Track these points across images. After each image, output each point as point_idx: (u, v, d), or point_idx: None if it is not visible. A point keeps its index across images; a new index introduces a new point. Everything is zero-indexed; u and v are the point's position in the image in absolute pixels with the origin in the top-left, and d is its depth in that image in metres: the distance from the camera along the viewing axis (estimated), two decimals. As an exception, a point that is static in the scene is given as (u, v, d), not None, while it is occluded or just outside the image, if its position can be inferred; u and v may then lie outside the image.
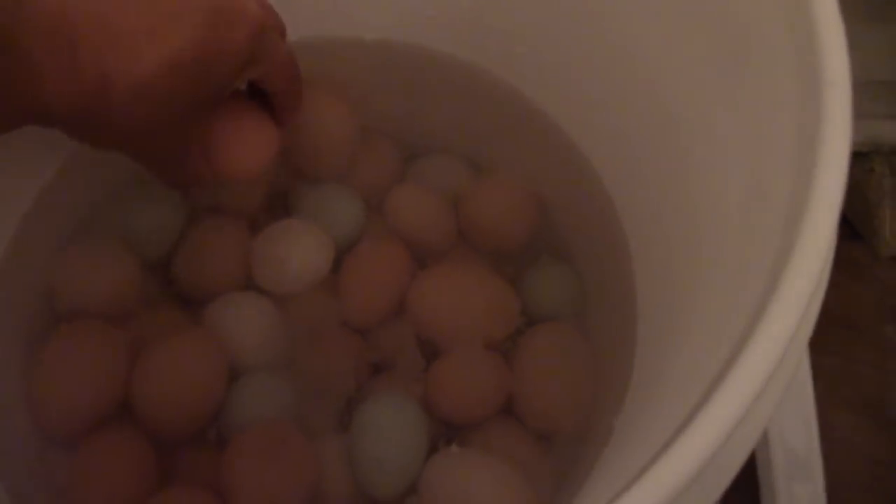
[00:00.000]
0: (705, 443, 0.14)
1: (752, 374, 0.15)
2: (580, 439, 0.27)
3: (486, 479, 0.27)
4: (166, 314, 0.31)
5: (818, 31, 0.18)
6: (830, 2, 0.18)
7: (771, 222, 0.19)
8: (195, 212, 0.33)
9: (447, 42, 0.32)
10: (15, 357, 0.29)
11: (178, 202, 0.32)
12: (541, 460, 0.28)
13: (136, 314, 0.31)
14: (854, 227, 0.41)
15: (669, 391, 0.21)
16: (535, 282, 0.32)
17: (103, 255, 0.30)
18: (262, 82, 0.26)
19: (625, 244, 0.29)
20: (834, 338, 0.39)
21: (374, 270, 0.31)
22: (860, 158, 0.39)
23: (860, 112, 0.18)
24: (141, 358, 0.28)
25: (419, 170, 0.35)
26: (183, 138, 0.25)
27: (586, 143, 0.30)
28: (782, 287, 0.16)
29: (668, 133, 0.26)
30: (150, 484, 0.27)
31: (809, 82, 0.17)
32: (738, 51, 0.22)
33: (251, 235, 0.32)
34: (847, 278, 0.40)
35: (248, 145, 0.28)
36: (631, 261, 0.28)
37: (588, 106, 0.30)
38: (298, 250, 0.31)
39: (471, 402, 0.29)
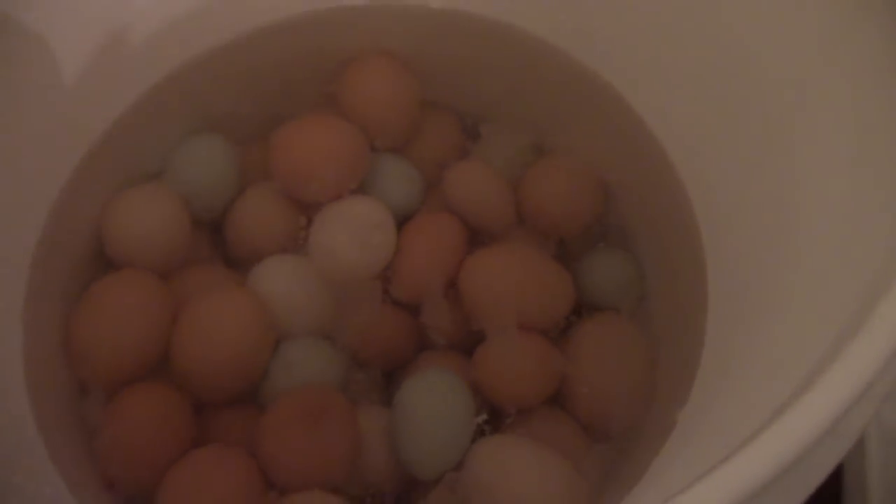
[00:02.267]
0: (796, 439, 0.13)
1: (854, 376, 0.14)
2: (637, 432, 0.26)
3: (533, 465, 0.25)
4: (213, 272, 0.30)
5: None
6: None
7: (878, 233, 0.18)
8: (252, 175, 0.32)
9: (516, 14, 0.31)
10: (61, 302, 0.28)
11: (237, 163, 0.32)
12: (589, 452, 0.27)
13: (182, 270, 0.30)
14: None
15: (746, 383, 0.20)
16: (595, 269, 0.31)
17: (158, 205, 0.30)
18: None
19: (697, 235, 0.27)
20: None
21: (427, 245, 0.30)
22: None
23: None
24: (183, 313, 0.28)
25: (481, 147, 0.34)
26: None
27: (660, 124, 0.29)
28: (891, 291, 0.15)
29: (756, 118, 0.24)
30: (185, 442, 0.26)
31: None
32: (849, 26, 0.20)
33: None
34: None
35: None
36: (703, 253, 0.27)
37: (664, 85, 0.28)
38: (358, 246, 0.29)
39: (518, 387, 0.28)
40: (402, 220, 0.31)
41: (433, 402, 0.26)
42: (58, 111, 0.28)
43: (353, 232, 0.29)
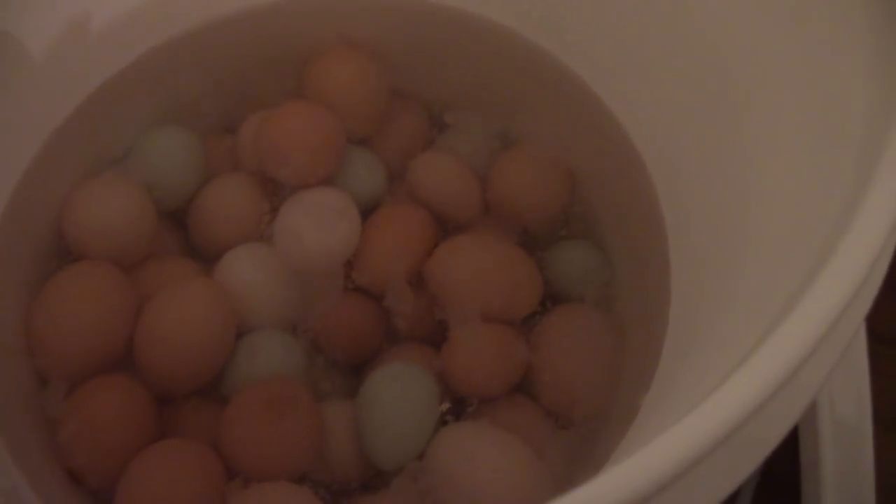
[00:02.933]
0: (749, 393, 0.13)
1: (802, 332, 0.14)
2: (602, 418, 0.26)
3: (495, 452, 0.25)
4: (176, 263, 0.30)
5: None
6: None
7: (829, 204, 0.18)
8: (216, 166, 0.32)
9: (482, 2, 0.31)
10: (21, 292, 0.28)
11: (201, 154, 0.31)
12: (553, 438, 0.27)
13: (145, 262, 0.30)
14: None
15: (704, 364, 0.20)
16: (560, 258, 0.31)
17: (121, 196, 0.29)
18: None
19: (660, 222, 0.27)
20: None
21: (393, 234, 0.30)
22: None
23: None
24: (146, 306, 0.27)
25: (447, 137, 0.34)
26: None
27: (625, 113, 0.29)
28: (838, 256, 0.15)
29: (720, 107, 0.25)
30: (148, 435, 0.26)
31: (888, 45, 0.16)
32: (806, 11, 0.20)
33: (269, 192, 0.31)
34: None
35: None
36: (666, 240, 0.27)
37: (630, 74, 0.28)
38: (324, 231, 0.29)
39: (485, 378, 0.28)
40: (367, 212, 0.30)
41: (396, 393, 0.26)
42: (18, 99, 0.28)
43: (318, 218, 0.29)
